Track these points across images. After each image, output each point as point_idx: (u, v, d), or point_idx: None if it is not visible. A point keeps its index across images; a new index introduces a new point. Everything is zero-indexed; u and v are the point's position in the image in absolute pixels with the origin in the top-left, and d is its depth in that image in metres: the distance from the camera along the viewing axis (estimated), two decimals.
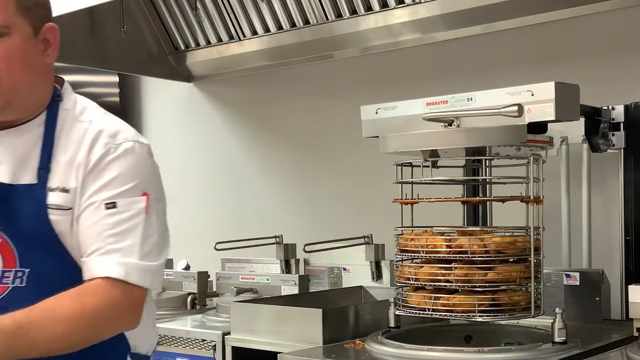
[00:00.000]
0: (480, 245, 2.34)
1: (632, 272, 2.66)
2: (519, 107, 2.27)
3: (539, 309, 2.38)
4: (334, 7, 3.37)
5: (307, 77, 3.84)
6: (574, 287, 2.73)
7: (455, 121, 2.35)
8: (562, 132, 2.81)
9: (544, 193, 2.41)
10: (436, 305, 2.37)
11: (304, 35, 3.55)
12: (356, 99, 2.91)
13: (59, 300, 1.50)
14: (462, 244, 2.35)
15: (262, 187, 4.03)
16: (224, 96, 4.23)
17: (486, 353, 2.24)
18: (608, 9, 2.86)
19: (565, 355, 2.22)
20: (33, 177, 1.60)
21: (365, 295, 3.31)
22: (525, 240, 2.37)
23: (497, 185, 2.63)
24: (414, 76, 3.43)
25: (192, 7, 3.81)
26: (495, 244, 2.35)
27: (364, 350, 2.39)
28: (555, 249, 2.82)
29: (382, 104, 2.62)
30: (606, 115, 2.70)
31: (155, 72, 4.18)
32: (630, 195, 2.69)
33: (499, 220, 2.77)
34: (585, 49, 3.02)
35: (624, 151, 2.71)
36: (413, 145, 2.42)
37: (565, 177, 2.86)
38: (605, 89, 2.85)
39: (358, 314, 2.65)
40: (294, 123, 3.91)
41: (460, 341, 2.54)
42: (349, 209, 3.67)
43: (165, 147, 4.07)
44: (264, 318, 2.71)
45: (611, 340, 2.42)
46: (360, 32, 3.39)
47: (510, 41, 3.16)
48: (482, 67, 3.24)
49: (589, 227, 2.84)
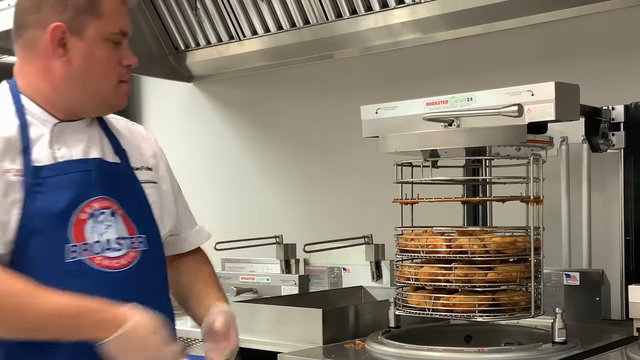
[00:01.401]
0: (480, 246, 2.34)
1: (632, 272, 2.66)
2: (519, 107, 2.27)
3: (539, 309, 2.38)
4: (334, 7, 3.37)
5: (307, 77, 3.84)
6: (574, 287, 2.73)
7: (455, 121, 2.35)
8: (562, 132, 2.81)
9: (544, 193, 2.41)
10: (436, 305, 2.37)
11: (304, 35, 3.54)
12: (356, 99, 2.91)
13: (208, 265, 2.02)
14: (462, 244, 2.35)
15: (262, 187, 4.03)
16: (224, 96, 4.23)
17: (486, 353, 2.24)
18: (608, 9, 2.86)
19: (565, 355, 2.22)
20: (116, 158, 1.77)
21: (365, 295, 3.31)
22: (525, 240, 2.37)
23: (497, 185, 2.63)
24: (414, 76, 3.43)
25: (192, 7, 3.81)
26: (495, 244, 2.35)
27: (364, 350, 2.39)
28: (555, 249, 2.82)
29: (382, 104, 2.62)
30: (606, 115, 2.70)
31: (155, 72, 4.18)
32: (630, 195, 2.69)
33: (499, 220, 2.77)
34: (585, 49, 3.02)
35: (624, 151, 2.71)
36: (413, 145, 2.42)
37: (565, 177, 2.86)
38: (605, 89, 2.85)
39: (358, 314, 2.65)
40: (294, 123, 3.90)
41: (460, 341, 2.54)
42: (349, 209, 3.67)
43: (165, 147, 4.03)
44: (264, 318, 2.71)
45: (611, 340, 2.42)
46: (360, 32, 3.39)
47: (510, 41, 3.16)
48: (482, 67, 3.23)
49: (589, 227, 2.84)
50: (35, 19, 1.66)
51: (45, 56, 1.67)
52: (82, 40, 1.66)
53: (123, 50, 1.72)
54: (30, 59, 1.69)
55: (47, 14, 1.65)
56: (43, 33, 1.65)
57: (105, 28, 1.67)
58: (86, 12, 1.66)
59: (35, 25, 1.66)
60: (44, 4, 1.66)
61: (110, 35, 1.68)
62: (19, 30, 1.70)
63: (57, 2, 1.65)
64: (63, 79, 1.67)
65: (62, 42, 1.65)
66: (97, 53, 1.67)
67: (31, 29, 1.67)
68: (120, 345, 1.52)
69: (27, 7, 1.68)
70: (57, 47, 1.65)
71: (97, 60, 1.68)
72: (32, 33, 1.67)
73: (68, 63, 1.66)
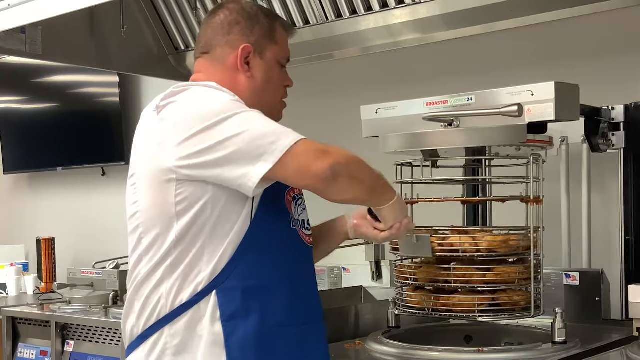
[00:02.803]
0: (472, 244, 2.34)
1: (632, 272, 2.66)
2: (519, 107, 2.27)
3: (538, 309, 2.38)
4: (334, 7, 3.37)
5: (307, 77, 3.83)
6: (574, 287, 2.73)
7: (455, 121, 2.35)
8: (562, 132, 2.81)
9: (544, 193, 2.41)
10: (436, 305, 2.37)
11: (304, 35, 3.54)
12: (356, 99, 2.91)
13: None
14: (454, 243, 2.35)
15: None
16: None
17: (486, 353, 2.25)
18: (608, 9, 2.86)
19: (565, 355, 2.23)
20: None
21: (365, 295, 3.31)
22: (518, 238, 2.36)
23: (497, 185, 2.63)
24: (414, 76, 3.43)
25: (192, 7, 3.81)
26: (495, 242, 2.34)
27: (364, 350, 2.39)
28: (555, 249, 2.82)
29: (382, 104, 2.62)
30: (606, 115, 2.70)
31: (155, 72, 4.17)
32: (630, 195, 2.69)
33: (499, 220, 2.77)
34: (585, 49, 3.02)
35: (624, 151, 2.71)
36: (413, 145, 2.42)
37: (565, 177, 2.86)
38: (605, 89, 2.85)
39: (358, 314, 2.65)
40: (294, 123, 3.88)
41: (460, 341, 2.54)
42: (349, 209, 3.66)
43: None
44: None
45: (611, 340, 2.42)
46: (360, 32, 3.39)
47: (510, 41, 3.16)
48: (482, 67, 3.24)
49: (589, 227, 2.84)
50: (225, 40, 1.96)
51: (233, 70, 1.96)
52: (262, 60, 1.97)
53: (285, 73, 2.04)
54: (218, 72, 1.96)
55: (237, 36, 1.96)
56: (232, 52, 1.95)
57: (279, 53, 2.00)
58: (267, 37, 1.98)
59: (225, 45, 1.96)
60: (235, 27, 1.96)
61: (282, 60, 2.01)
62: (207, 47, 1.99)
63: (246, 26, 1.96)
64: (247, 91, 1.95)
65: (247, 60, 1.95)
66: (273, 72, 1.99)
67: (221, 47, 1.97)
68: (401, 204, 1.99)
69: (218, 29, 1.97)
70: (244, 64, 1.95)
71: (272, 77, 1.99)
72: (222, 51, 1.96)
73: (251, 78, 1.96)
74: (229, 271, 1.79)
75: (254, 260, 1.82)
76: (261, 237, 1.83)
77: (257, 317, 1.79)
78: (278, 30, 2.00)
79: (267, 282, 1.83)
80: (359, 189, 1.87)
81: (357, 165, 1.85)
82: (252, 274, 1.81)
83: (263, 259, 1.83)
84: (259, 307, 1.80)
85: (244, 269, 1.80)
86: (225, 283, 1.79)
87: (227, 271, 1.79)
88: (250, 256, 1.81)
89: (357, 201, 1.95)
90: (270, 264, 1.84)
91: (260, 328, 1.79)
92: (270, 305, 1.82)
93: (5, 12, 3.12)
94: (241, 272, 1.80)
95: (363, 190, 1.88)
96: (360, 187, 1.87)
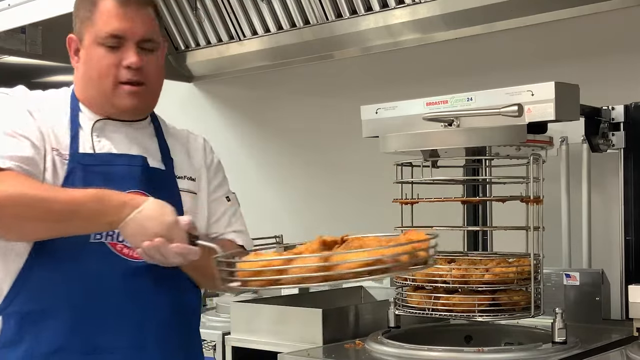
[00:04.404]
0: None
1: (632, 272, 2.66)
2: (519, 107, 2.27)
3: (538, 308, 2.38)
4: (334, 7, 3.37)
5: (307, 77, 3.84)
6: (574, 287, 2.73)
7: (455, 121, 2.35)
8: (562, 132, 2.81)
9: (544, 193, 2.41)
10: (436, 305, 2.37)
11: (304, 35, 3.54)
12: (356, 99, 2.90)
13: None
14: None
15: (262, 187, 4.03)
16: (224, 96, 4.23)
17: (486, 353, 2.24)
18: (608, 9, 2.86)
19: (565, 355, 2.22)
20: (161, 165, 1.91)
21: (365, 295, 3.30)
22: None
23: (497, 185, 2.63)
24: (414, 76, 3.43)
25: (192, 7, 3.81)
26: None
27: (364, 350, 2.39)
28: (555, 249, 2.82)
29: (382, 104, 2.62)
30: (606, 115, 2.70)
31: None
32: (630, 195, 2.69)
33: (499, 220, 2.77)
34: (585, 49, 3.02)
35: (624, 151, 2.71)
36: (413, 145, 2.42)
37: (565, 177, 2.86)
38: (605, 89, 2.85)
39: (358, 314, 2.65)
40: (294, 123, 3.90)
41: (460, 341, 2.54)
42: (348, 209, 3.67)
43: None
44: (264, 318, 2.71)
45: (611, 340, 2.42)
46: (360, 32, 3.39)
47: (510, 41, 3.16)
48: (482, 67, 3.23)
49: (589, 227, 2.84)
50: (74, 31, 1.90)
51: (74, 64, 1.90)
52: (83, 46, 1.86)
53: (125, 52, 1.82)
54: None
55: (75, 27, 1.89)
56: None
57: (97, 32, 1.82)
58: (86, 21, 1.84)
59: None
60: (73, 21, 1.89)
61: (101, 39, 1.81)
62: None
63: (75, 16, 1.88)
64: (80, 82, 1.88)
65: (77, 51, 1.87)
66: (93, 55, 1.83)
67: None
68: (137, 225, 1.63)
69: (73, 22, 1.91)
70: (74, 56, 1.89)
71: (92, 61, 1.84)
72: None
73: (78, 69, 1.88)
74: (14, 293, 1.71)
75: (42, 280, 1.71)
76: (51, 254, 1.70)
77: (27, 346, 1.70)
78: (99, 9, 1.81)
79: (51, 305, 1.71)
80: (36, 227, 1.66)
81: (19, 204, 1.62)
82: (36, 295, 1.71)
83: (52, 278, 1.71)
84: (33, 334, 1.70)
85: (28, 291, 1.71)
86: (8, 308, 1.72)
87: (12, 293, 1.71)
88: (38, 275, 1.71)
89: (45, 237, 1.70)
90: (61, 284, 1.71)
91: (25, 357, 1.70)
92: (47, 331, 1.70)
93: (5, 12, 3.12)
94: (26, 294, 1.71)
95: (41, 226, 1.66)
96: (36, 225, 1.65)
